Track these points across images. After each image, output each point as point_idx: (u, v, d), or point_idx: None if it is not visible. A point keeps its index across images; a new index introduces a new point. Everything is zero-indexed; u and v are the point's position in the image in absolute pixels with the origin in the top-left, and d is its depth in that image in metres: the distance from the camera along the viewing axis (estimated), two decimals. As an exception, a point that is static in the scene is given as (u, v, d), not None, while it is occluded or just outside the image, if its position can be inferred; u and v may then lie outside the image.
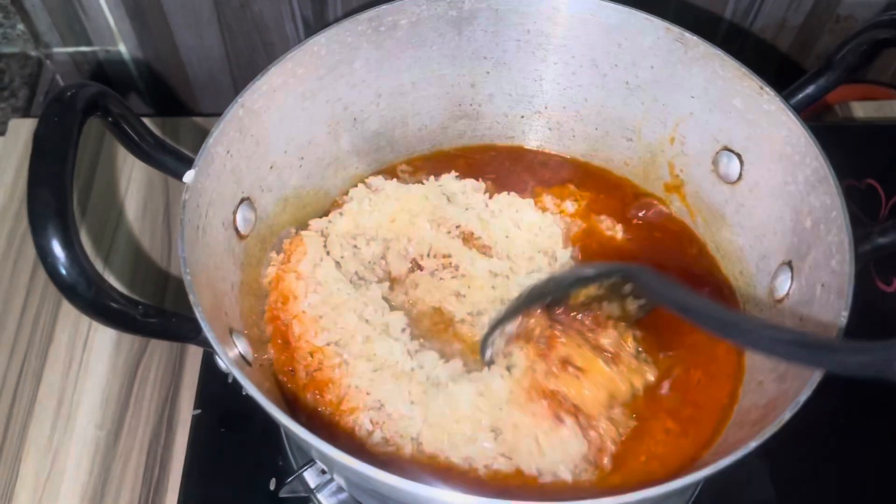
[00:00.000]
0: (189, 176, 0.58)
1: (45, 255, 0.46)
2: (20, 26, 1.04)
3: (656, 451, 0.63)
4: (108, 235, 0.94)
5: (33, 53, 1.08)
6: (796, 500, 0.76)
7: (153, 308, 0.53)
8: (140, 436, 0.80)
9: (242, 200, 0.66)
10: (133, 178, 0.99)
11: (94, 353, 0.85)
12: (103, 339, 0.86)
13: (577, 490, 0.60)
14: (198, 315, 0.52)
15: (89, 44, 1.07)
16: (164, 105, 1.15)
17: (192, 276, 0.54)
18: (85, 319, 0.87)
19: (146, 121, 1.03)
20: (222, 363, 0.53)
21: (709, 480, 0.73)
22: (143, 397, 0.83)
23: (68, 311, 0.88)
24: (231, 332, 0.60)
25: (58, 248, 0.46)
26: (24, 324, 0.87)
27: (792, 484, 0.77)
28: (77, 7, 1.01)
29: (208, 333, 0.52)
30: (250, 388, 0.50)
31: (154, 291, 0.89)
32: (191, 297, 0.53)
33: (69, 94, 0.50)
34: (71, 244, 0.46)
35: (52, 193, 0.47)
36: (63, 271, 0.46)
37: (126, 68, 1.10)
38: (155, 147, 0.59)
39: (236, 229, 0.65)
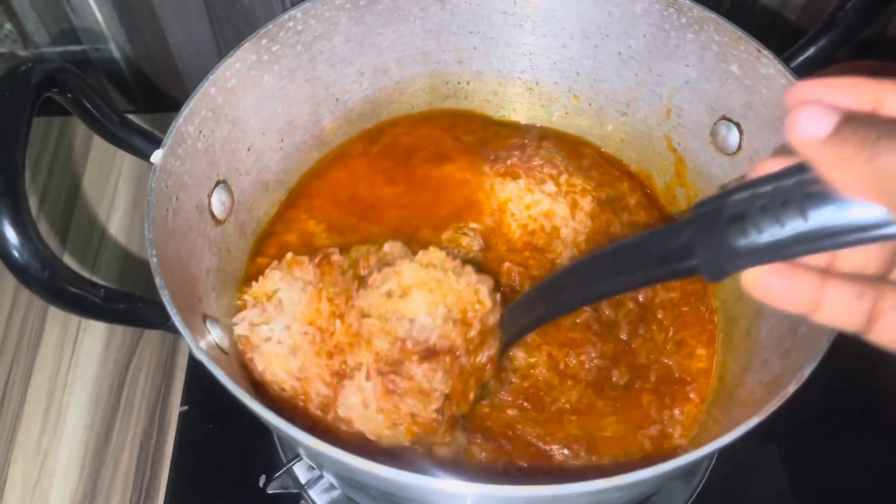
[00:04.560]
0: (157, 156, 0.56)
1: (-6, 236, 0.44)
2: (8, 26, 1.03)
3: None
4: (97, 233, 0.92)
5: (22, 53, 1.07)
6: (808, 487, 0.73)
7: (118, 292, 0.50)
8: (130, 437, 0.78)
9: (218, 183, 0.63)
10: (122, 175, 0.97)
11: (83, 354, 0.84)
12: (93, 339, 0.84)
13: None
14: (164, 299, 0.50)
15: (79, 42, 1.06)
16: (157, 101, 1.14)
17: (159, 259, 0.51)
18: (74, 319, 0.85)
19: (138, 117, 1.03)
20: (193, 350, 0.51)
21: (718, 466, 0.72)
22: (133, 397, 0.81)
23: (57, 311, 0.86)
24: (205, 318, 0.57)
25: (8, 228, 0.44)
26: (13, 325, 0.85)
27: (804, 471, 0.74)
28: (65, 5, 1.00)
29: (175, 318, 0.49)
30: (220, 375, 0.48)
31: (146, 286, 0.87)
32: (157, 280, 0.50)
33: (23, 68, 0.48)
34: (23, 223, 0.44)
35: (1, 171, 0.44)
36: (15, 253, 0.44)
37: (117, 66, 1.09)
38: (120, 126, 0.56)
39: (212, 214, 0.63)
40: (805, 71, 0.63)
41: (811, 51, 0.63)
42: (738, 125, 0.67)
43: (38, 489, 0.76)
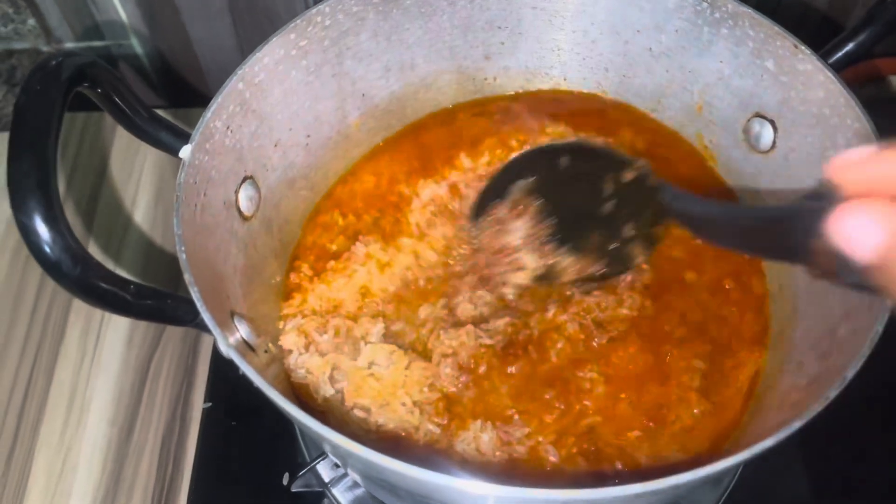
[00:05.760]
0: (185, 151, 0.55)
1: (26, 231, 0.43)
2: (31, 21, 1.03)
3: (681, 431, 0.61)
4: (120, 227, 0.92)
5: (45, 49, 1.07)
6: (832, 495, 0.73)
7: (147, 288, 0.50)
8: (153, 432, 0.78)
9: (245, 179, 0.63)
10: (146, 169, 0.98)
11: (105, 349, 0.84)
12: (115, 335, 0.84)
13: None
14: (193, 295, 0.49)
15: (101, 38, 1.06)
16: (178, 97, 1.14)
17: (188, 255, 0.51)
18: (97, 315, 0.85)
19: (158, 113, 1.03)
20: (222, 347, 0.50)
21: (744, 474, 0.71)
22: (155, 393, 0.81)
23: (80, 306, 0.86)
24: (233, 315, 0.57)
25: (40, 224, 0.43)
26: (36, 320, 0.86)
27: (828, 480, 0.73)
28: (88, 1, 1.00)
29: (204, 314, 0.49)
30: (250, 372, 0.47)
31: (167, 281, 0.87)
32: (186, 277, 0.50)
33: (54, 62, 0.48)
34: (55, 219, 0.44)
35: (34, 165, 0.44)
36: (46, 248, 0.43)
37: (139, 62, 1.09)
38: (149, 121, 0.56)
39: (239, 210, 0.62)
40: (844, 67, 0.62)
41: (850, 46, 0.62)
42: (772, 122, 0.66)
43: (61, 483, 0.76)
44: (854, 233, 0.32)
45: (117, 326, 0.85)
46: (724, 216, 0.54)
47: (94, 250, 0.90)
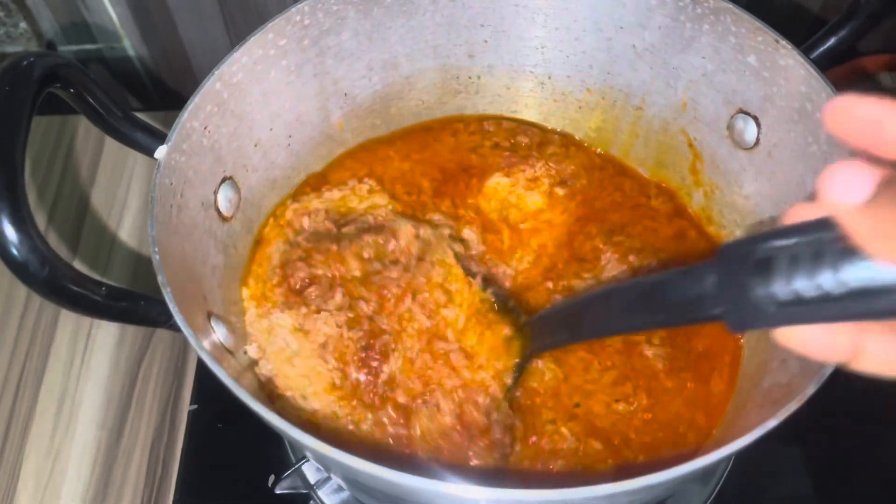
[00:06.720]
0: (161, 151, 0.55)
1: (-7, 233, 0.43)
2: (23, 24, 1.03)
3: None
4: (110, 231, 0.92)
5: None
6: (835, 493, 0.72)
7: (120, 290, 0.50)
8: (142, 435, 0.78)
9: (224, 180, 0.62)
10: (136, 173, 0.98)
11: (95, 352, 0.84)
12: (105, 338, 0.84)
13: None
14: (166, 296, 0.49)
15: (93, 41, 1.06)
16: (171, 99, 1.14)
17: (163, 257, 0.51)
18: (87, 318, 0.85)
19: (152, 115, 1.03)
20: (195, 348, 0.50)
21: (735, 468, 0.70)
22: (145, 396, 0.81)
23: (70, 310, 0.86)
24: (210, 316, 0.56)
25: (7, 226, 0.43)
26: (26, 323, 0.86)
27: (830, 477, 0.72)
28: (79, 4, 1.00)
29: (177, 316, 0.49)
30: (218, 372, 0.47)
31: (157, 284, 0.87)
32: (159, 278, 0.50)
33: (24, 63, 0.48)
34: (22, 220, 0.43)
35: (0, 168, 0.44)
36: (14, 251, 0.44)
37: (132, 65, 1.09)
38: (124, 122, 0.56)
39: (218, 211, 0.62)
40: (826, 62, 0.61)
41: (832, 41, 0.61)
42: (755, 119, 0.65)
43: (50, 486, 0.76)
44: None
45: (107, 330, 0.85)
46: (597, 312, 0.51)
47: (83, 255, 0.90)
